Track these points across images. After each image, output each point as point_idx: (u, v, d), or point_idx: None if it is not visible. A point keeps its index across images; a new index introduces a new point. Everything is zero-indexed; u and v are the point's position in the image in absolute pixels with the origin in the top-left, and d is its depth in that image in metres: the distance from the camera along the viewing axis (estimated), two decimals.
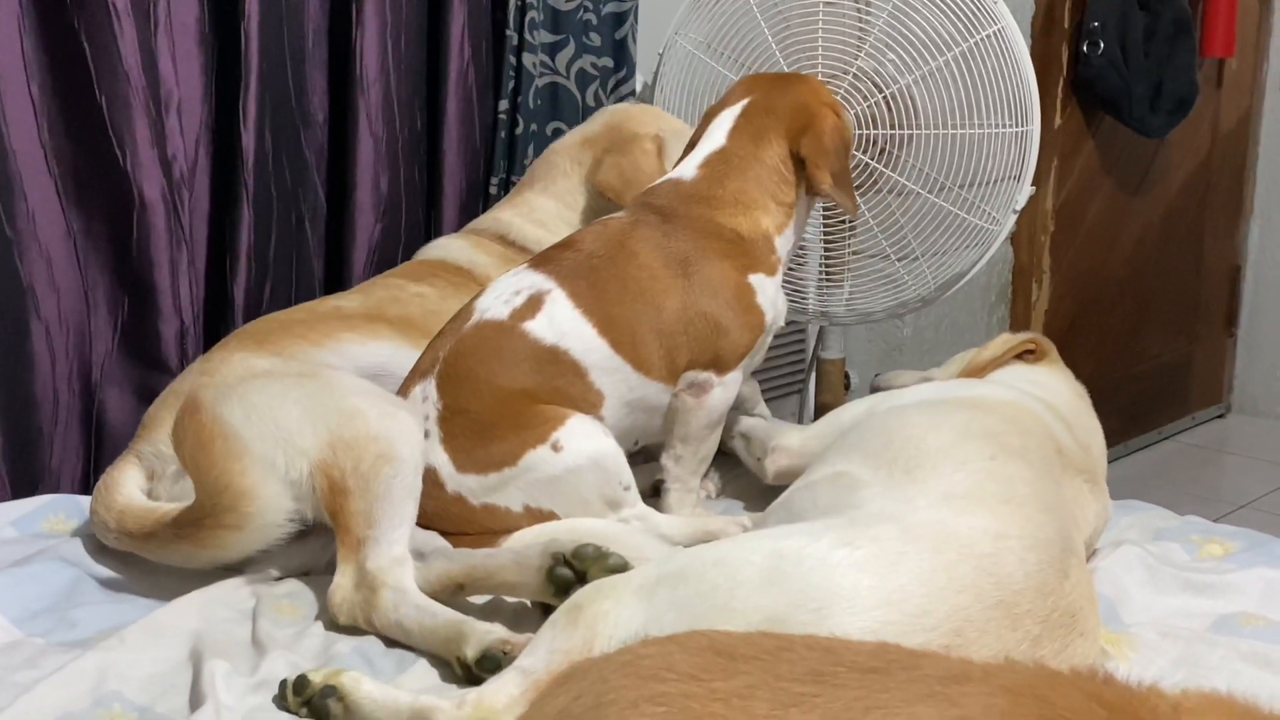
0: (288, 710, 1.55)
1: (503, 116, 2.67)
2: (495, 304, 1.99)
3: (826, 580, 1.41)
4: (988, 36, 2.48)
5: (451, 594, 1.78)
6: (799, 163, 2.08)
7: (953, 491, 1.58)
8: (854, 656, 1.19)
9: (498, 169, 2.68)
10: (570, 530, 1.88)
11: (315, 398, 1.85)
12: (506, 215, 2.41)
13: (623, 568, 1.70)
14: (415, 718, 1.48)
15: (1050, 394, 1.98)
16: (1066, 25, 3.99)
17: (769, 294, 2.04)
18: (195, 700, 1.57)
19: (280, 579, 1.90)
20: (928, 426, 1.74)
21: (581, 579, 1.68)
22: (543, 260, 2.05)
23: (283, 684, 1.57)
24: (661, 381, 2.00)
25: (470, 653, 1.63)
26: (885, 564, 1.43)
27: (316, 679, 1.55)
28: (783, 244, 2.07)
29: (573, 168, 2.37)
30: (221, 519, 1.73)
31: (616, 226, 2.04)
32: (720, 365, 2.01)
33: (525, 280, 2.00)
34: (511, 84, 2.66)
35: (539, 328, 1.95)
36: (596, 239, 2.02)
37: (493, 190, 2.69)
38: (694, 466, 2.06)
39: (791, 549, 1.45)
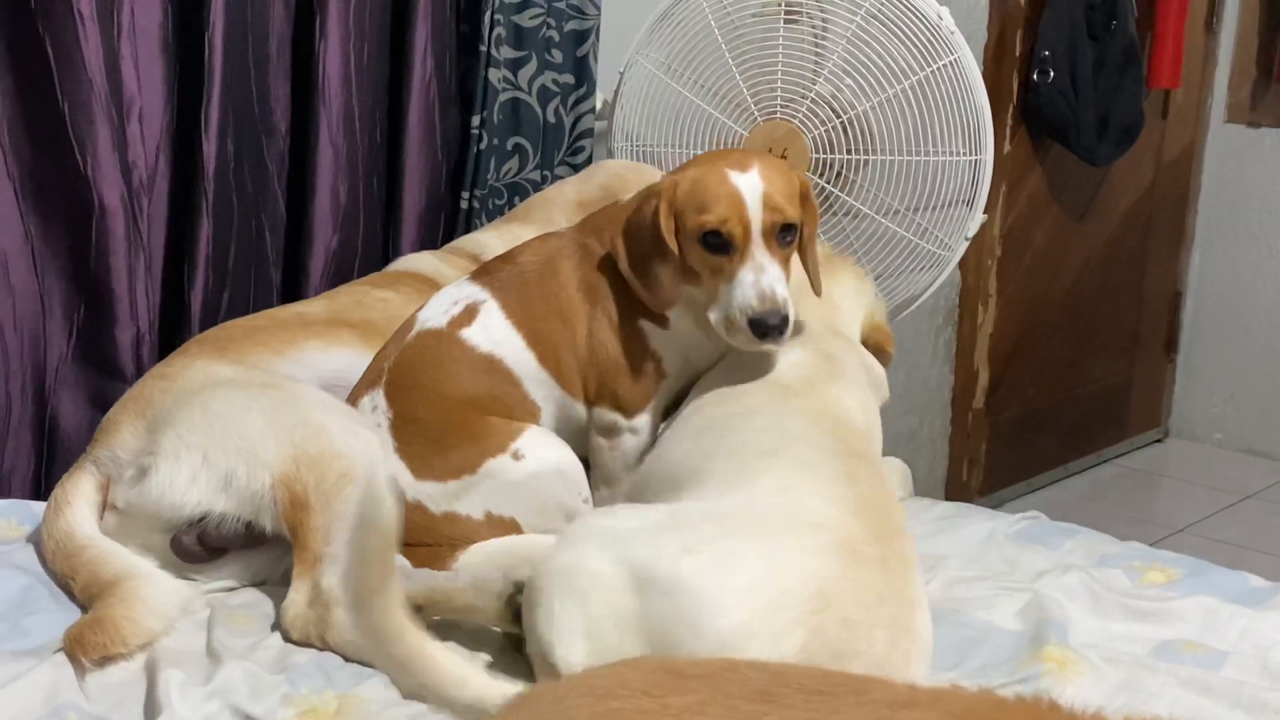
0: None
1: (475, 131, 2.68)
2: (435, 314, 2.01)
3: (688, 595, 1.47)
4: (944, 66, 2.52)
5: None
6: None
7: (724, 477, 1.64)
8: (801, 679, 1.22)
9: (465, 184, 2.70)
10: (528, 546, 1.90)
11: (279, 410, 1.85)
12: (486, 237, 2.43)
13: None
14: None
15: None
16: (1018, 53, 4.05)
17: (669, 341, 1.98)
18: (150, 710, 1.58)
19: (235, 589, 1.91)
20: (667, 446, 1.84)
21: None
22: (481, 272, 2.08)
23: None
24: (583, 404, 2.01)
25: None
26: (729, 562, 1.49)
27: None
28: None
29: (564, 221, 2.37)
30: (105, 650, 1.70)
31: (554, 244, 2.05)
32: (623, 406, 1.99)
33: (463, 291, 2.03)
34: (480, 98, 2.67)
35: (475, 336, 1.97)
36: (532, 254, 2.04)
37: (462, 205, 2.70)
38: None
39: (644, 564, 1.50)
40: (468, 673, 1.42)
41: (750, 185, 1.86)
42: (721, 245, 1.87)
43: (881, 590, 1.51)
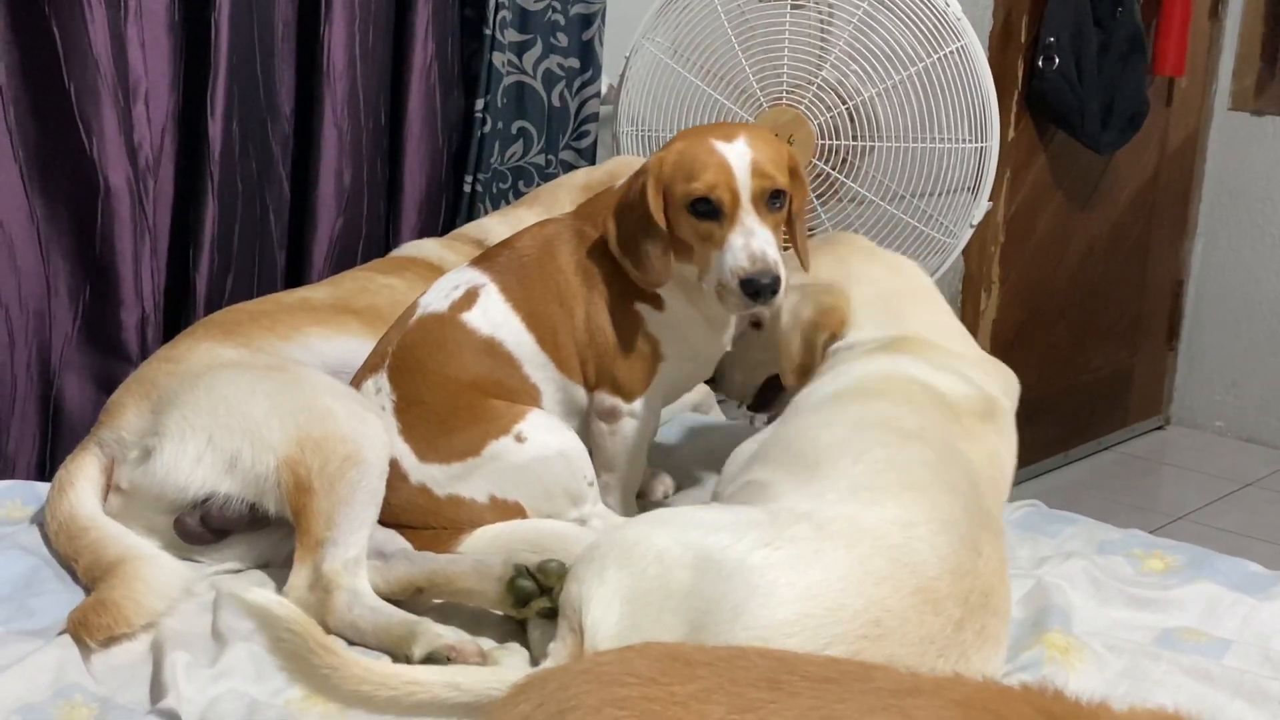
0: None
1: (478, 115, 2.68)
2: (437, 299, 2.02)
3: (744, 583, 1.46)
4: (951, 53, 2.52)
5: (411, 597, 1.80)
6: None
7: (858, 484, 1.61)
8: (806, 667, 1.22)
9: (468, 168, 2.70)
10: (534, 530, 1.90)
11: (285, 392, 1.86)
12: (491, 223, 2.44)
13: None
14: None
15: (933, 338, 1.95)
16: (1024, 39, 4.04)
17: (666, 324, 1.99)
18: (156, 692, 1.59)
19: (240, 571, 1.91)
20: (820, 424, 1.75)
21: (545, 593, 1.69)
22: (482, 258, 2.09)
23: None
24: (582, 386, 2.02)
25: (418, 652, 1.65)
26: (803, 562, 1.48)
27: None
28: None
29: (570, 206, 2.37)
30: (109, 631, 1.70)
31: (551, 229, 2.06)
32: (623, 390, 2.00)
33: (464, 276, 2.04)
34: (484, 82, 2.67)
35: (475, 319, 1.98)
36: (530, 239, 2.05)
37: (465, 189, 2.70)
38: (622, 493, 2.08)
39: (716, 551, 1.50)
40: (455, 676, 1.42)
41: (737, 153, 1.89)
42: (710, 212, 1.88)
43: (945, 647, 1.49)
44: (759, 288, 1.84)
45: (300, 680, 1.41)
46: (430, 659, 1.63)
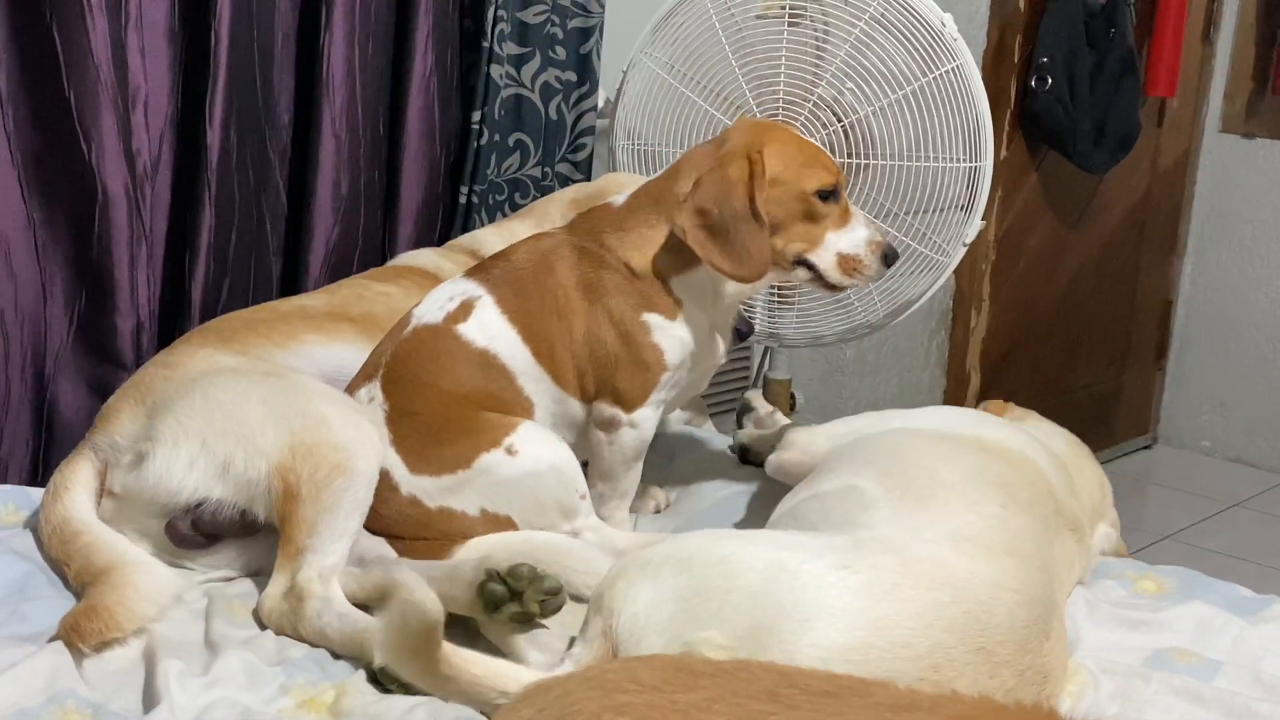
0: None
1: (475, 126, 2.69)
2: (431, 310, 2.03)
3: (818, 596, 1.46)
4: (946, 72, 2.53)
5: (385, 601, 1.79)
6: None
7: (961, 532, 1.60)
8: (807, 680, 1.24)
9: (465, 179, 2.70)
10: (527, 542, 1.90)
11: (280, 398, 1.86)
12: (485, 233, 2.45)
13: (557, 590, 1.72)
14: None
15: (1050, 442, 2.01)
16: (1017, 59, 4.06)
17: (673, 334, 2.01)
18: (149, 699, 1.59)
19: (233, 579, 1.91)
20: (942, 459, 1.76)
21: (515, 597, 1.69)
22: (477, 269, 2.09)
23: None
24: (579, 400, 2.03)
25: (376, 660, 1.64)
26: (879, 592, 1.47)
27: None
28: (684, 287, 2.01)
29: (560, 220, 2.39)
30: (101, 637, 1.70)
31: (548, 242, 2.07)
32: (623, 401, 2.01)
33: (459, 288, 2.05)
34: (482, 94, 2.68)
35: (470, 331, 1.99)
36: (527, 252, 2.06)
37: (461, 200, 2.71)
38: (617, 502, 2.09)
39: (791, 563, 1.49)
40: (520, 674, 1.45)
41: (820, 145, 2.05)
42: (830, 196, 2.02)
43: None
44: (893, 258, 2.08)
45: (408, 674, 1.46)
46: (385, 668, 1.62)
